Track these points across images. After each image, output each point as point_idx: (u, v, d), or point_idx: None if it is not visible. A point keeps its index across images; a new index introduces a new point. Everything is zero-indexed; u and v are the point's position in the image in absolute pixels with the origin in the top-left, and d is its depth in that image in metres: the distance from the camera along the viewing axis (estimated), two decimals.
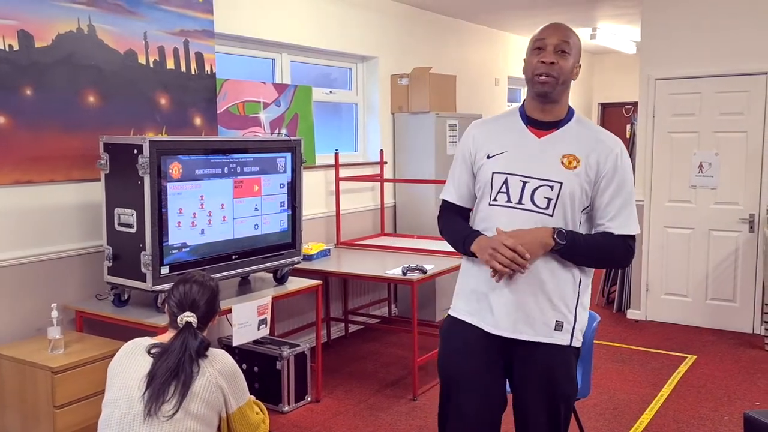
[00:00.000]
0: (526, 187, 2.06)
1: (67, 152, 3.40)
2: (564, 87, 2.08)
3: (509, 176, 2.08)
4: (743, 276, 5.30)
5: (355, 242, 5.21)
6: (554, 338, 2.09)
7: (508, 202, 2.07)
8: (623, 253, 2.11)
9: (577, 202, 2.06)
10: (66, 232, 3.46)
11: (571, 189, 2.04)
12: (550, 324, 2.08)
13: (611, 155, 2.08)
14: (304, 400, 4.00)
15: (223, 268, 3.48)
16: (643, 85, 5.60)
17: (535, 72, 2.05)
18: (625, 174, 2.09)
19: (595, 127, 2.18)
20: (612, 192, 2.07)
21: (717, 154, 5.32)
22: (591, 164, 2.06)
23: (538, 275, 2.05)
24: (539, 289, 2.06)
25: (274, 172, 3.79)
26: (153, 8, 3.75)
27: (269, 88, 4.66)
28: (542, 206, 2.05)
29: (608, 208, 2.08)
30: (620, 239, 2.09)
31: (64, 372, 2.88)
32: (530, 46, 2.11)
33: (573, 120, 2.13)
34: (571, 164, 2.05)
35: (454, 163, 2.27)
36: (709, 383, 4.30)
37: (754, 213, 5.21)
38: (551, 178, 2.05)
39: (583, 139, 2.09)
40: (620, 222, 2.08)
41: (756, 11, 5.10)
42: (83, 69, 3.45)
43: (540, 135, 2.11)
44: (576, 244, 2.03)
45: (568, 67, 2.05)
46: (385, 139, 5.74)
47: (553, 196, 2.04)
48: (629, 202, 2.10)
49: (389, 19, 5.68)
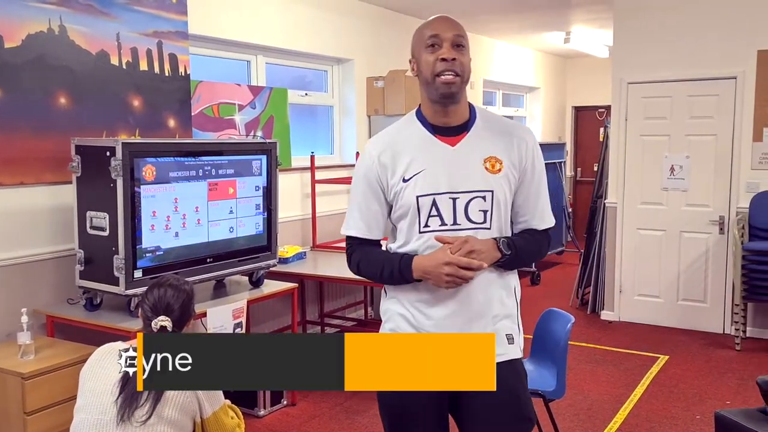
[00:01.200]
0: (457, 204, 1.86)
1: (37, 154, 3.35)
2: (465, 83, 1.88)
3: (436, 196, 1.85)
4: (714, 277, 5.38)
5: (332, 245, 5.20)
6: (509, 353, 1.91)
7: (442, 225, 1.85)
8: (546, 248, 2.03)
9: (507, 205, 1.91)
10: (36, 236, 3.40)
11: (503, 194, 1.88)
12: (503, 340, 1.89)
13: (528, 148, 1.93)
14: (279, 404, 3.97)
15: (197, 272, 3.45)
16: (616, 88, 5.67)
17: (436, 71, 1.83)
18: (542, 164, 1.98)
19: (502, 120, 2.02)
20: (535, 187, 1.95)
21: (688, 156, 5.41)
22: (513, 162, 1.91)
23: (480, 290, 1.87)
24: (484, 305, 1.88)
25: (250, 175, 3.77)
26: (126, 9, 3.71)
27: (244, 90, 4.64)
28: (479, 221, 1.86)
29: (530, 204, 1.95)
30: (545, 234, 2.00)
31: (35, 378, 2.83)
32: (420, 43, 1.89)
33: (478, 117, 1.94)
34: (495, 167, 1.88)
35: (354, 192, 1.98)
36: (681, 383, 4.36)
37: (723, 215, 5.30)
38: (481, 188, 1.86)
39: (497, 136, 1.92)
40: (542, 217, 1.97)
41: (726, 17, 5.19)
42: (54, 70, 3.39)
43: (452, 143, 1.89)
44: (518, 251, 1.88)
45: (467, 62, 1.87)
46: (361, 141, 5.74)
47: (488, 207, 1.87)
48: (546, 193, 1.99)
49: (364, 22, 5.68)
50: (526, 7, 5.77)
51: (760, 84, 5.11)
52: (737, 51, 5.16)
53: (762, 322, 5.22)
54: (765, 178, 5.13)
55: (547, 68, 9.24)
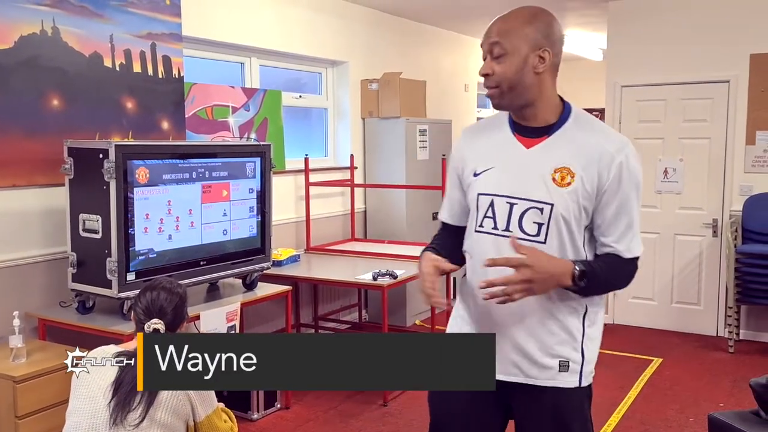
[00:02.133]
0: (513, 210, 1.75)
1: (30, 156, 3.33)
2: (519, 90, 1.74)
3: (495, 197, 1.78)
4: (707, 279, 5.40)
5: (326, 247, 5.19)
6: (559, 381, 1.80)
7: (494, 229, 1.78)
8: (629, 278, 1.82)
9: (575, 223, 1.73)
10: (28, 238, 3.38)
11: (565, 210, 1.72)
12: (553, 365, 1.79)
13: (614, 164, 1.73)
14: (273, 407, 3.96)
15: (191, 274, 3.43)
16: (610, 92, 5.69)
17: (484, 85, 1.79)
18: (631, 187, 1.75)
19: (597, 126, 1.82)
20: (615, 210, 1.74)
21: (681, 160, 5.43)
22: (590, 177, 1.72)
23: (536, 307, 1.75)
24: (538, 324, 1.77)
25: (243, 177, 3.76)
26: (120, 11, 3.69)
27: (238, 92, 4.63)
28: (532, 233, 1.74)
29: (612, 227, 1.75)
30: (628, 263, 1.78)
31: (27, 381, 2.81)
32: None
33: (569, 121, 1.79)
34: (564, 180, 1.72)
35: (447, 178, 2.01)
36: (675, 385, 4.37)
37: (717, 218, 5.31)
38: (540, 199, 1.73)
39: (580, 146, 1.75)
40: (627, 243, 1.76)
41: (719, 21, 5.21)
42: (47, 71, 3.38)
43: (529, 144, 1.78)
44: (592, 282, 1.71)
45: (511, 69, 1.73)
46: (356, 144, 5.74)
47: (544, 221, 1.73)
48: (635, 218, 1.77)
49: (359, 25, 5.68)
50: None
51: (753, 88, 5.13)
52: (730, 55, 5.18)
53: (755, 324, 5.23)
54: (758, 181, 5.15)
55: None
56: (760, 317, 5.21)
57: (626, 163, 1.74)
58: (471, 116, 7.56)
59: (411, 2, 5.56)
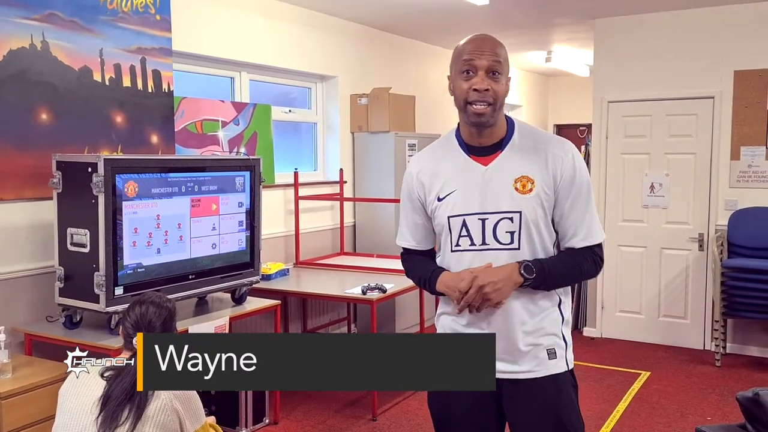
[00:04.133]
0: (486, 224, 1.89)
1: (18, 170, 3.32)
2: (501, 109, 1.89)
3: (466, 217, 1.90)
4: (694, 293, 5.44)
5: (315, 261, 5.18)
6: (550, 368, 1.92)
7: (472, 245, 1.91)
8: (591, 265, 1.94)
9: (543, 225, 1.89)
10: (15, 253, 3.36)
11: (534, 215, 1.87)
12: (541, 354, 1.91)
13: (565, 164, 1.89)
14: (262, 423, 3.93)
15: (179, 289, 3.42)
16: (597, 107, 5.75)
17: (469, 99, 1.85)
18: (582, 180, 1.91)
19: (540, 135, 1.98)
20: (570, 203, 1.90)
21: (668, 174, 5.48)
22: (546, 180, 1.88)
23: (518, 307, 1.89)
24: (520, 321, 1.89)
25: (233, 191, 3.76)
26: (110, 25, 3.70)
27: (228, 106, 4.64)
28: (506, 242, 1.88)
29: (568, 221, 1.91)
30: (586, 252, 1.93)
31: (12, 397, 2.79)
32: (456, 67, 1.90)
33: (515, 134, 1.93)
34: (525, 188, 1.88)
35: (401, 207, 2.09)
36: (662, 399, 4.39)
37: (703, 232, 5.36)
38: (509, 209, 1.87)
39: (531, 154, 1.90)
40: (583, 234, 1.91)
41: (703, 38, 5.29)
42: (36, 86, 3.38)
43: (485, 162, 1.91)
44: (545, 274, 1.87)
45: (503, 88, 1.88)
46: (345, 158, 5.75)
47: (515, 228, 1.87)
48: (588, 208, 1.92)
49: (349, 40, 5.72)
50: (507, 26, 5.84)
51: (737, 104, 5.20)
52: (714, 71, 5.25)
53: (741, 338, 5.27)
54: (743, 196, 5.21)
55: (530, 86, 9.35)
56: (747, 331, 5.25)
57: (574, 161, 1.91)
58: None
59: (400, 18, 5.60)
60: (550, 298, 1.94)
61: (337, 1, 5.02)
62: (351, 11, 5.38)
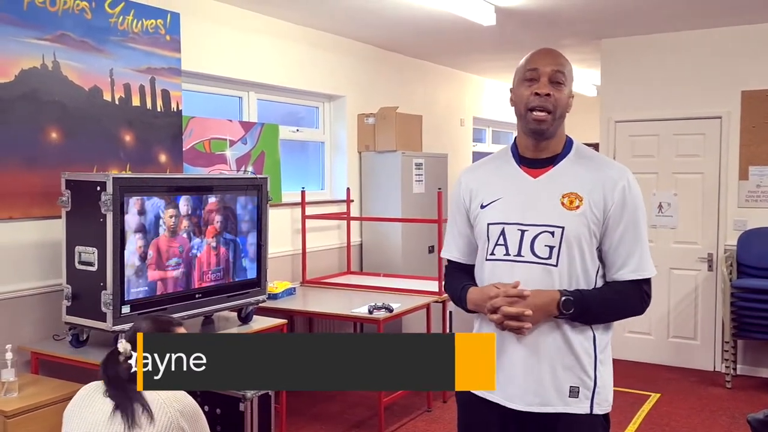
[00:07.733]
0: (524, 236, 1.82)
1: (27, 189, 3.34)
2: (560, 121, 1.86)
3: (506, 226, 1.85)
4: (703, 314, 5.39)
5: (321, 280, 5.17)
6: (569, 407, 1.82)
7: (506, 255, 1.84)
8: (638, 302, 1.85)
9: (585, 245, 1.81)
10: (23, 271, 3.37)
11: (576, 232, 1.79)
12: (563, 390, 1.82)
13: (617, 189, 1.82)
14: None
15: (186, 307, 3.42)
16: (604, 126, 5.75)
17: (529, 106, 1.82)
18: (635, 209, 1.83)
19: (598, 158, 1.94)
20: (621, 232, 1.81)
21: (675, 194, 5.46)
22: (596, 201, 1.81)
23: (545, 335, 1.81)
24: (547, 351, 1.81)
25: (240, 210, 3.76)
26: (120, 46, 3.74)
27: (236, 125, 4.66)
28: (544, 256, 1.80)
29: (618, 251, 1.82)
30: (634, 286, 1.84)
31: (18, 416, 2.78)
32: (519, 75, 1.89)
33: (572, 152, 1.90)
34: (572, 204, 1.81)
35: (450, 217, 2.07)
36: (672, 421, 4.33)
37: (712, 252, 5.33)
38: (551, 223, 1.80)
39: (585, 174, 1.85)
40: (632, 266, 1.82)
41: (710, 58, 5.30)
42: (47, 105, 3.41)
43: (535, 175, 1.87)
44: (585, 309, 1.78)
45: (564, 98, 1.85)
46: (352, 177, 5.77)
47: (555, 243, 1.79)
48: (640, 240, 1.83)
49: (356, 60, 5.75)
50: (515, 47, 5.87)
51: (745, 123, 5.19)
52: (722, 91, 5.26)
53: (752, 359, 5.22)
54: (752, 215, 5.18)
55: None
56: (757, 352, 5.20)
57: (628, 187, 1.84)
58: (467, 150, 7.62)
59: (407, 38, 5.64)
60: (584, 331, 1.84)
61: (345, 22, 5.07)
62: (358, 31, 5.42)
